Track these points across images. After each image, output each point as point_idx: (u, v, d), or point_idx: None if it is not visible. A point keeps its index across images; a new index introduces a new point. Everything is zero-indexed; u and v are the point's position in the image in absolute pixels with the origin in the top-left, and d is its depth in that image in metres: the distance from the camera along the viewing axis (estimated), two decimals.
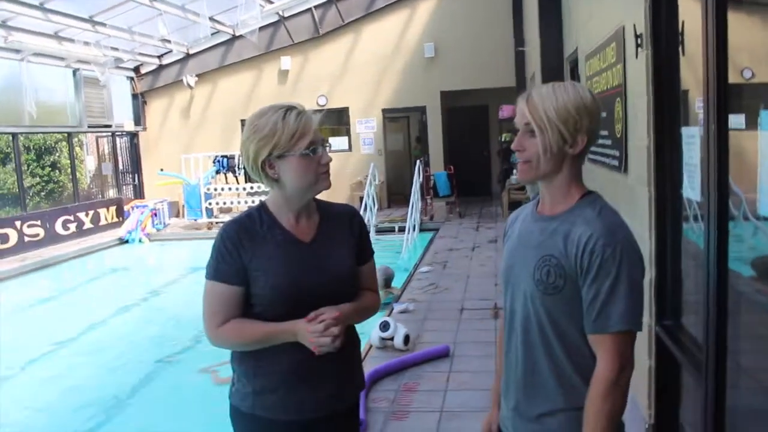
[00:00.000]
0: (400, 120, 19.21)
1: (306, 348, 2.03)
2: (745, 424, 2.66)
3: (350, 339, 2.23)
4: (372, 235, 2.39)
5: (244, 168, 14.51)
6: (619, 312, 1.69)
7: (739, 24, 2.51)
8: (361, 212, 11.95)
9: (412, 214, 12.83)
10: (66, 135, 16.57)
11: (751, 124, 2.50)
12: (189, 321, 8.00)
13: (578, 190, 1.84)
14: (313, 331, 2.00)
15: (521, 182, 1.91)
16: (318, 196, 2.26)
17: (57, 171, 17.72)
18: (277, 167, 2.08)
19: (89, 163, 18.85)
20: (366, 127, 17.44)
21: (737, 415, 2.54)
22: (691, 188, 2.91)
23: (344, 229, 2.26)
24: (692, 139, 2.91)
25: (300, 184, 2.11)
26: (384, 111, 17.48)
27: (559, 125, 1.75)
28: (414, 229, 12.81)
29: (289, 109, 2.08)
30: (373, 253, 2.37)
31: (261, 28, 16.38)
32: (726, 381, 2.34)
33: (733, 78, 2.30)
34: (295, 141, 2.05)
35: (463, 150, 18.15)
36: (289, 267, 2.11)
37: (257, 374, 2.16)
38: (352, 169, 17.02)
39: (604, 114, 4.51)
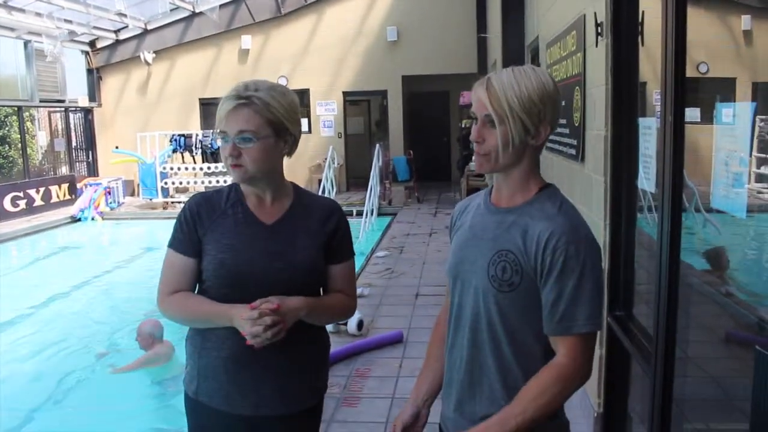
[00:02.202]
0: (361, 103, 19.13)
1: None
2: (691, 412, 2.69)
3: (309, 337, 2.15)
4: (350, 228, 2.36)
5: (201, 147, 14.17)
6: (585, 313, 1.62)
7: (697, 19, 2.51)
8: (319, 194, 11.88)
9: (370, 198, 12.79)
10: (16, 109, 16.09)
11: (706, 117, 2.51)
12: (141, 301, 7.87)
13: (536, 183, 1.74)
14: (246, 318, 1.90)
15: (479, 172, 1.80)
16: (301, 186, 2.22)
17: (6, 146, 17.25)
18: None
19: (41, 139, 18.37)
20: (326, 110, 17.31)
21: (684, 404, 2.57)
22: (647, 179, 2.92)
23: (315, 221, 2.14)
24: (649, 131, 2.91)
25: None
26: (345, 94, 17.36)
27: (522, 116, 1.64)
28: (372, 214, 12.78)
29: (233, 90, 2.01)
30: (351, 255, 2.24)
31: (221, 6, 16.14)
32: (674, 371, 2.35)
33: (689, 72, 2.30)
34: (216, 125, 2.03)
35: (423, 135, 18.14)
36: (238, 244, 2.05)
37: (202, 356, 2.10)
38: (312, 151, 16.86)
39: (562, 103, 4.52)
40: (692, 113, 2.44)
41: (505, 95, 1.64)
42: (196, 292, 2.12)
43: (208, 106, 16.96)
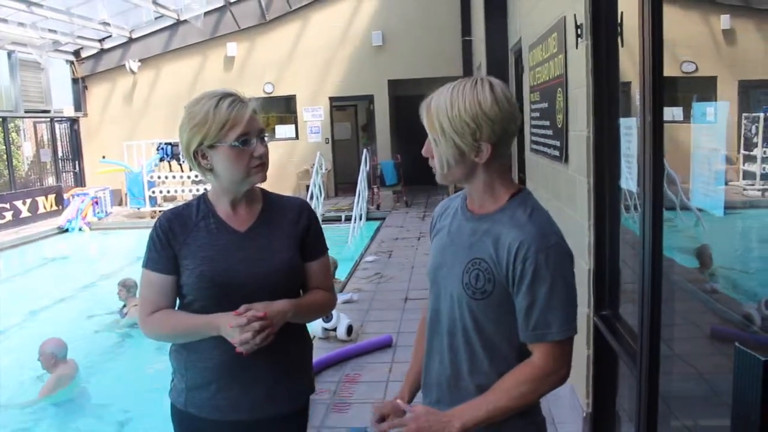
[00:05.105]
0: (348, 108, 19.11)
1: None
2: (679, 409, 2.71)
3: (294, 338, 2.16)
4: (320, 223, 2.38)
5: None
6: (558, 321, 1.63)
7: (679, 18, 2.53)
8: (307, 201, 11.88)
9: (358, 203, 12.79)
10: (1, 120, 15.99)
11: (690, 116, 2.53)
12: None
13: (506, 190, 1.75)
14: (234, 325, 1.90)
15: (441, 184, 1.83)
16: (267, 188, 2.19)
17: None
18: (209, 157, 2.01)
19: (27, 150, 18.22)
20: (313, 116, 17.29)
21: (671, 401, 2.58)
22: (630, 179, 2.94)
23: (287, 222, 2.15)
24: (630, 130, 2.93)
25: (231, 175, 2.03)
26: (331, 99, 17.35)
27: (453, 137, 1.65)
28: (360, 219, 12.77)
29: (224, 96, 1.98)
30: (325, 250, 2.26)
31: (206, 13, 16.11)
32: (659, 369, 2.37)
33: (672, 71, 2.32)
34: (225, 131, 1.96)
35: (410, 139, 18.09)
36: (216, 255, 2.05)
37: (189, 368, 2.10)
38: (299, 157, 16.88)
39: (545, 105, 4.53)
40: (676, 112, 2.47)
41: (437, 117, 1.67)
42: (177, 308, 2.12)
43: None
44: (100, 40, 17.28)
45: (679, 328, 2.76)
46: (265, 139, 2.06)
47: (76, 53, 17.50)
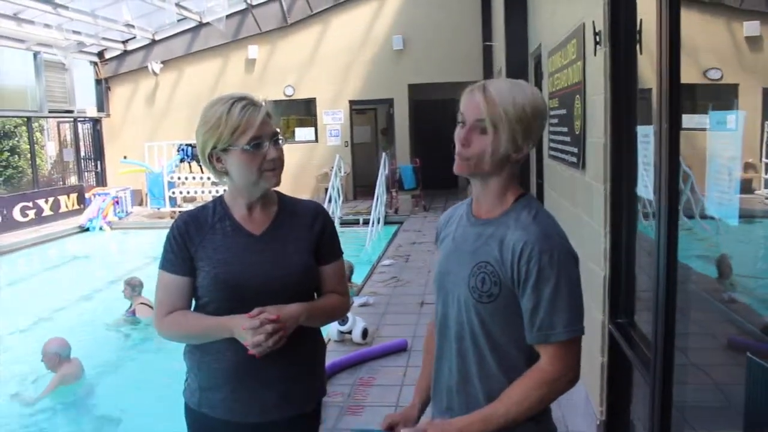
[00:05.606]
0: (368, 112, 19.14)
1: None
2: (694, 419, 2.69)
3: (306, 340, 2.16)
4: (336, 227, 2.37)
5: None
6: (563, 321, 1.63)
7: (705, 25, 2.52)
8: (326, 204, 11.92)
9: (376, 206, 12.80)
10: (25, 119, 16.21)
11: (709, 124, 2.51)
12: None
13: (513, 193, 1.76)
14: (247, 327, 1.92)
15: (457, 174, 1.80)
16: (286, 190, 2.20)
17: (16, 156, 17.35)
18: (223, 160, 2.04)
19: (50, 149, 18.49)
20: (333, 119, 17.34)
21: (686, 411, 2.56)
22: (648, 186, 2.92)
23: (303, 226, 2.17)
24: (647, 138, 2.92)
25: (244, 179, 2.05)
26: (351, 102, 17.40)
27: (515, 126, 1.66)
28: (378, 222, 12.78)
29: (237, 100, 2.01)
30: (340, 254, 2.27)
31: (228, 16, 16.21)
32: (673, 378, 2.35)
33: (695, 78, 2.31)
34: (237, 135, 1.98)
35: (429, 143, 18.13)
36: (231, 258, 2.06)
37: (202, 369, 2.12)
38: (318, 160, 16.92)
39: (564, 111, 4.52)
40: (700, 119, 2.46)
41: (502, 103, 1.66)
42: (192, 309, 2.13)
43: None
44: (124, 42, 17.48)
45: (696, 337, 2.74)
46: (280, 142, 2.07)
47: (100, 54, 17.70)
